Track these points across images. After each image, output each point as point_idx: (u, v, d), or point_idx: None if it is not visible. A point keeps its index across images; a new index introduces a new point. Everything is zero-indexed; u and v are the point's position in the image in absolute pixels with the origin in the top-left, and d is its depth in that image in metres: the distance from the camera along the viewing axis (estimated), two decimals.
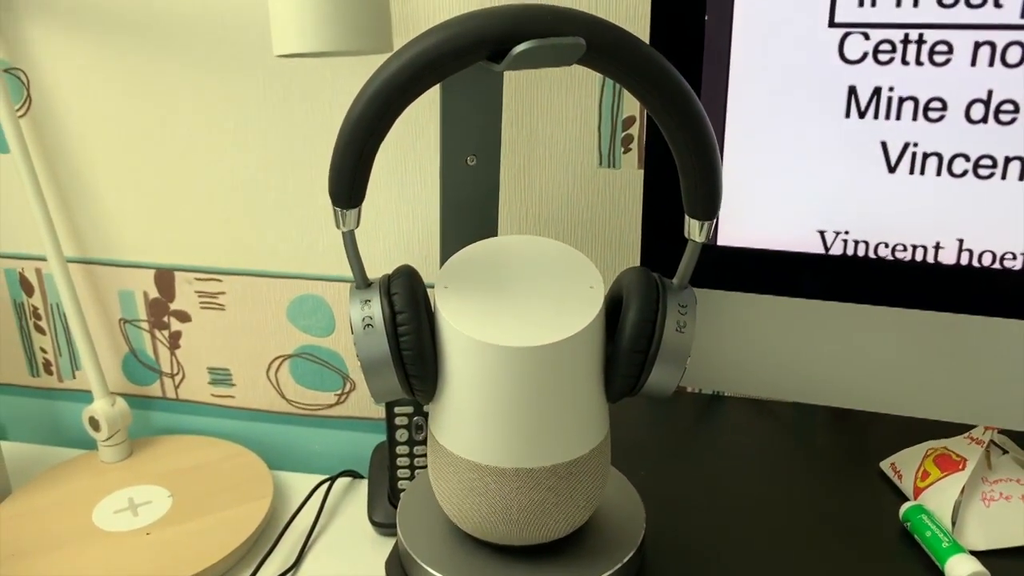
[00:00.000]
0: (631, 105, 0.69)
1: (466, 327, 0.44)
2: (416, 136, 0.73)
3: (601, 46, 0.40)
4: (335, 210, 0.43)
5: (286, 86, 0.74)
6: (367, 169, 0.42)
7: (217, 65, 0.74)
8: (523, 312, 0.45)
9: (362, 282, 0.46)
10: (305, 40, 0.53)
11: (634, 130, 0.69)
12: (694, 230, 0.45)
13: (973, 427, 0.58)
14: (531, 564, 0.48)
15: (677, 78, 0.41)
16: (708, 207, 0.44)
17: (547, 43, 0.39)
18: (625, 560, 0.48)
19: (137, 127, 0.78)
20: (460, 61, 0.39)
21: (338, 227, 0.44)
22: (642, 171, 0.70)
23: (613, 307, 0.47)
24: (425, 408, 0.69)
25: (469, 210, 0.53)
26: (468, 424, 0.45)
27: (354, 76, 0.72)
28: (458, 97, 0.49)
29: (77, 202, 0.82)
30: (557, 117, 0.70)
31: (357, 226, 0.44)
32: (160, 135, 0.78)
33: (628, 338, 0.45)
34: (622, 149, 0.70)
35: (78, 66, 0.77)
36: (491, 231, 0.55)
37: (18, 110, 0.79)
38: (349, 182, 0.42)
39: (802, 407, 0.70)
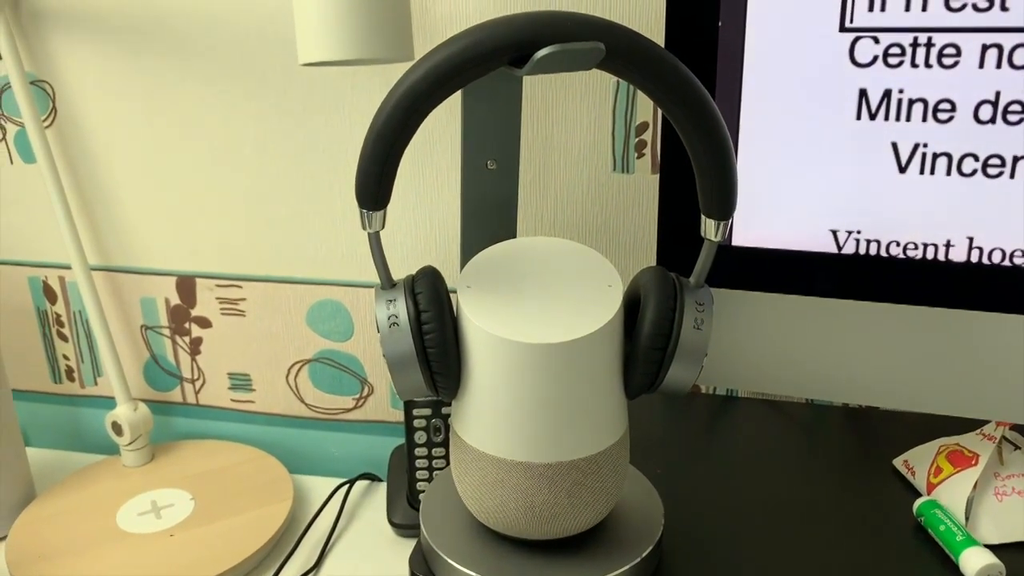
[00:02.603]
0: (644, 111, 0.70)
1: (488, 324, 0.45)
2: (435, 142, 0.74)
3: (619, 50, 0.41)
4: (361, 212, 0.44)
5: (306, 96, 0.75)
6: (393, 171, 0.43)
7: (238, 75, 0.76)
8: (544, 310, 0.46)
9: (387, 282, 0.47)
10: (330, 49, 0.54)
11: (647, 136, 0.70)
12: (710, 229, 0.46)
13: (985, 423, 0.58)
14: (552, 558, 0.49)
15: (693, 81, 0.43)
16: (724, 206, 0.45)
17: (568, 48, 0.40)
18: (644, 554, 0.49)
19: (160, 137, 0.79)
20: (484, 65, 0.41)
21: (364, 228, 0.45)
22: (655, 176, 0.71)
23: (631, 305, 0.48)
24: (445, 410, 0.70)
25: (489, 213, 0.54)
26: (490, 420, 0.46)
27: (373, 86, 0.74)
28: (479, 102, 0.50)
29: (101, 211, 0.83)
30: (572, 124, 0.71)
31: (383, 227, 0.45)
32: (182, 145, 0.79)
33: (647, 335, 0.46)
34: (635, 154, 0.71)
35: (102, 78, 0.79)
36: (510, 234, 0.56)
37: (44, 121, 0.81)
38: (376, 184, 0.43)
39: (816, 406, 0.71)
